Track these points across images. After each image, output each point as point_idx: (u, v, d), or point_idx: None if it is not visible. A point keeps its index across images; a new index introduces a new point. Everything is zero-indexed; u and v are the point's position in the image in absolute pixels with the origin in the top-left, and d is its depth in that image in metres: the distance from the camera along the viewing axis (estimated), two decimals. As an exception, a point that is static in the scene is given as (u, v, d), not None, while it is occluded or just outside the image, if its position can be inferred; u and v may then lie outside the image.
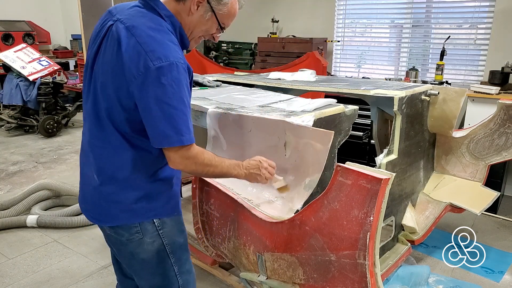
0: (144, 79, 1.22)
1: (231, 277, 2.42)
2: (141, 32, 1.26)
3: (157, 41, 1.25)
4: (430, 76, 4.72)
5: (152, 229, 1.43)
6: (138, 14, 1.32)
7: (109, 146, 1.36)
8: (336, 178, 1.36)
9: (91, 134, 1.39)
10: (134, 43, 1.25)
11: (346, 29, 5.44)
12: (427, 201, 2.71)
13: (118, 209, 1.39)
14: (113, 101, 1.30)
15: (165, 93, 1.23)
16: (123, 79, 1.26)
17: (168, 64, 1.22)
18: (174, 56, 1.25)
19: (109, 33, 1.32)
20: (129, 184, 1.38)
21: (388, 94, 2.29)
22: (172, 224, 1.49)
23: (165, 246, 1.47)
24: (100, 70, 1.33)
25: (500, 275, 2.66)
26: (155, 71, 1.21)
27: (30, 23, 6.66)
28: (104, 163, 1.38)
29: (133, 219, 1.40)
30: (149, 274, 1.49)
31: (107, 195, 1.39)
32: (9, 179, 4.24)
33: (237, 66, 5.91)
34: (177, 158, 1.30)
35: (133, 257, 1.47)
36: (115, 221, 1.41)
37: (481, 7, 4.38)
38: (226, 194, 1.81)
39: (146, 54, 1.22)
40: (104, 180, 1.38)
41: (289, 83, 2.75)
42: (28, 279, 2.61)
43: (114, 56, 1.28)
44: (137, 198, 1.39)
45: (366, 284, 1.38)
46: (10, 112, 5.96)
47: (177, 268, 1.51)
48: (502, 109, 2.58)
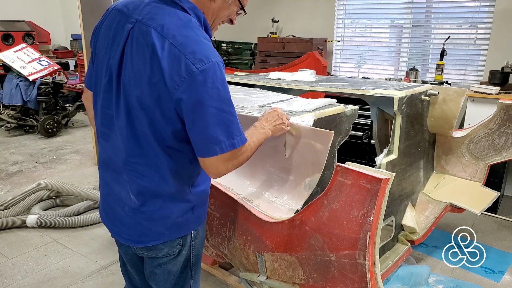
0: (189, 84, 1.12)
1: (231, 277, 2.42)
2: (173, 32, 1.14)
3: (193, 41, 1.14)
4: (430, 76, 4.72)
5: (189, 241, 1.39)
6: (160, 12, 1.19)
7: (151, 162, 1.25)
8: (336, 178, 1.36)
9: (128, 152, 1.25)
10: (169, 46, 1.12)
11: (346, 29, 5.44)
12: (427, 201, 2.71)
13: (163, 226, 1.31)
14: (155, 114, 1.18)
15: (213, 96, 1.13)
16: (164, 88, 1.14)
17: (211, 65, 1.13)
18: (214, 55, 1.15)
19: (132, 38, 1.19)
20: (176, 198, 1.30)
21: (388, 94, 2.29)
22: (202, 233, 1.45)
23: (191, 258, 1.43)
24: (132, 82, 1.19)
25: (500, 275, 2.66)
26: (199, 75, 1.11)
27: (30, 23, 6.66)
28: (147, 182, 1.26)
29: (177, 233, 1.34)
30: (168, 285, 1.43)
31: (150, 213, 1.29)
32: (9, 179, 4.24)
33: (237, 66, 5.91)
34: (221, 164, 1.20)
35: (160, 268, 1.40)
36: (160, 239, 1.32)
37: (481, 7, 4.38)
38: (226, 194, 1.81)
39: (186, 57, 1.11)
40: (146, 199, 1.28)
41: (289, 83, 2.75)
42: (28, 279, 2.61)
43: (148, 64, 1.15)
44: (185, 211, 1.33)
45: (366, 284, 1.38)
46: (10, 112, 5.96)
47: (193, 281, 1.47)
48: (502, 109, 2.58)
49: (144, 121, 1.20)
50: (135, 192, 1.28)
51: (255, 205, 1.73)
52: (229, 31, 6.51)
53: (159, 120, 1.19)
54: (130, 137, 1.23)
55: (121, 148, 1.27)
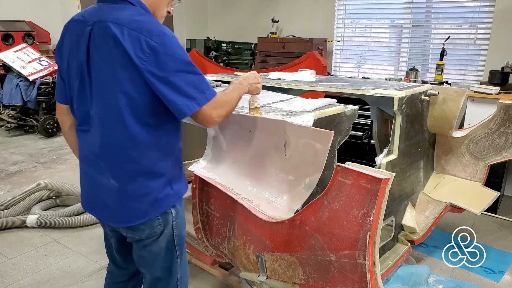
0: (153, 57, 1.27)
1: (231, 277, 2.42)
2: (128, 20, 1.31)
3: (146, 22, 1.32)
4: (430, 76, 4.73)
5: (170, 219, 1.48)
6: (112, 10, 1.35)
7: (126, 143, 1.35)
8: (336, 178, 1.36)
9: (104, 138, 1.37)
10: (128, 31, 1.29)
11: (346, 29, 5.45)
12: (427, 201, 2.71)
13: (146, 203, 1.41)
14: (129, 94, 1.31)
15: (176, 62, 1.30)
16: (133, 68, 1.28)
17: (167, 37, 1.30)
18: (167, 29, 1.33)
19: (93, 36, 1.34)
20: (154, 174, 1.40)
21: (388, 94, 2.29)
22: (182, 213, 1.54)
23: (174, 238, 1.51)
24: (103, 73, 1.33)
25: (500, 275, 2.66)
26: (159, 47, 1.28)
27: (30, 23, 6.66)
28: (123, 163, 1.37)
29: (160, 209, 1.43)
30: (157, 267, 1.52)
31: (132, 193, 1.39)
32: (9, 179, 4.24)
33: (237, 66, 5.91)
34: (209, 114, 1.36)
35: (145, 251, 1.49)
36: (145, 216, 1.42)
37: (481, 7, 4.39)
38: (226, 194, 1.81)
39: (144, 36, 1.28)
40: (126, 180, 1.39)
41: (289, 83, 2.75)
42: (28, 279, 2.61)
43: (114, 51, 1.29)
44: (163, 185, 1.43)
45: (366, 284, 1.38)
46: (10, 112, 5.96)
47: (179, 261, 1.55)
48: (502, 109, 2.58)
49: (120, 104, 1.32)
50: (114, 176, 1.39)
51: (255, 205, 1.73)
52: (229, 31, 6.52)
53: (134, 99, 1.32)
54: (106, 123, 1.36)
55: (97, 136, 1.38)
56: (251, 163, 1.86)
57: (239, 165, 1.90)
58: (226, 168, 1.94)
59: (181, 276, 1.58)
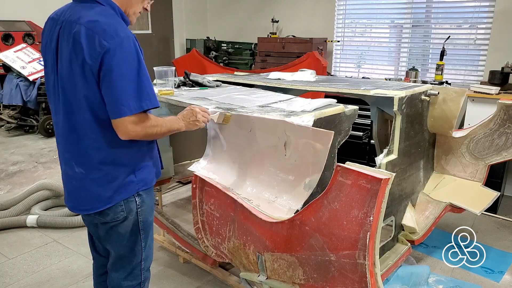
0: (103, 56, 1.35)
1: (231, 277, 2.42)
2: (88, 19, 1.39)
3: (104, 23, 1.38)
4: (430, 76, 4.72)
5: (134, 207, 1.58)
6: (80, 9, 1.44)
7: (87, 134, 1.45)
8: (336, 178, 1.36)
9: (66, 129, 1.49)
10: (85, 30, 1.37)
11: (346, 29, 5.44)
12: (427, 201, 2.71)
13: (111, 190, 1.51)
14: (86, 89, 1.40)
15: (122, 65, 1.36)
16: (87, 65, 1.37)
17: (120, 39, 1.36)
18: (123, 31, 1.38)
19: (61, 35, 1.44)
20: (116, 163, 1.51)
21: (388, 94, 2.29)
22: (148, 201, 1.64)
23: (139, 223, 1.62)
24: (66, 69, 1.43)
25: (500, 275, 2.66)
26: (110, 47, 1.34)
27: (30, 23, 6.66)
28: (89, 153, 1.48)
29: (122, 196, 1.54)
30: (121, 245, 1.64)
31: (97, 180, 1.50)
32: (9, 179, 4.24)
33: (237, 66, 5.91)
34: (129, 126, 1.40)
35: (111, 231, 1.61)
36: (110, 202, 1.52)
37: (481, 7, 4.38)
38: (226, 194, 1.81)
39: (98, 36, 1.35)
40: (90, 168, 1.50)
41: (289, 83, 2.75)
42: (28, 279, 2.61)
43: (73, 49, 1.39)
44: (127, 174, 1.53)
45: (366, 284, 1.38)
46: (10, 112, 5.96)
47: (143, 244, 1.67)
48: (502, 109, 2.58)
49: (78, 99, 1.42)
50: (81, 165, 1.50)
51: (255, 205, 1.73)
52: (229, 31, 6.52)
53: (89, 95, 1.41)
54: (68, 116, 1.46)
55: (63, 129, 1.50)
56: (251, 163, 1.86)
57: (239, 165, 1.90)
58: (226, 168, 1.94)
59: (145, 256, 1.70)
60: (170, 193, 3.80)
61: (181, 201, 3.62)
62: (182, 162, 3.23)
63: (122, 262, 1.68)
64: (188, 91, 2.48)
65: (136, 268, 1.69)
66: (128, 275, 1.69)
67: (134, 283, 1.71)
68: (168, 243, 2.83)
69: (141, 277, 1.72)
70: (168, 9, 6.51)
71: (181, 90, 2.51)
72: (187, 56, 5.59)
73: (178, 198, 3.68)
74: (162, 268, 2.72)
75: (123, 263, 1.68)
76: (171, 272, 2.68)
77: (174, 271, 2.69)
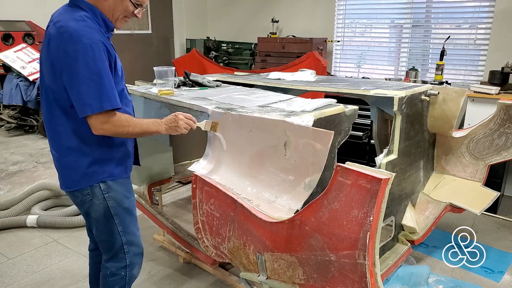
0: (65, 61, 1.50)
1: (231, 277, 2.42)
2: (62, 24, 1.53)
3: (74, 28, 1.50)
4: (430, 76, 4.72)
5: (99, 192, 1.70)
6: (63, 12, 1.60)
7: (58, 124, 1.63)
8: (336, 178, 1.36)
9: (44, 118, 1.68)
10: (56, 34, 1.52)
11: (346, 29, 5.44)
12: (427, 201, 2.71)
13: (78, 175, 1.67)
14: (54, 86, 1.57)
15: (83, 69, 1.49)
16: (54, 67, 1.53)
17: (83, 45, 1.48)
18: (88, 37, 1.50)
19: (45, 35, 1.61)
20: (83, 152, 1.66)
21: (388, 94, 2.29)
22: (118, 189, 1.74)
23: (110, 208, 1.73)
24: (43, 66, 1.63)
25: (500, 275, 2.66)
26: (72, 53, 1.48)
27: (30, 23, 6.66)
28: (58, 140, 1.66)
29: (86, 183, 1.68)
30: (99, 230, 1.79)
31: (67, 164, 1.68)
32: (9, 179, 4.24)
33: (237, 66, 5.91)
34: (97, 123, 1.55)
35: (88, 215, 1.77)
36: (78, 185, 1.69)
37: (481, 7, 4.39)
38: (226, 194, 1.81)
39: (65, 41, 1.49)
40: (62, 153, 1.68)
41: (289, 83, 2.75)
42: (28, 279, 2.61)
43: (47, 50, 1.56)
44: (90, 163, 1.66)
45: (366, 284, 1.38)
46: (10, 112, 5.95)
47: (121, 228, 1.78)
48: (502, 109, 2.58)
49: (50, 94, 1.60)
50: (54, 148, 1.70)
51: (255, 205, 1.73)
52: (229, 31, 6.52)
53: (55, 90, 1.58)
54: (45, 106, 1.66)
55: (44, 115, 1.69)
56: (251, 163, 1.86)
57: (239, 165, 1.90)
58: (226, 168, 1.94)
59: (127, 241, 1.80)
60: (170, 193, 3.81)
61: (181, 201, 3.62)
62: (182, 162, 3.23)
63: (103, 245, 1.83)
64: (188, 91, 2.48)
65: (119, 251, 1.81)
66: (112, 257, 1.82)
67: (119, 265, 1.83)
68: (168, 243, 2.83)
69: (126, 260, 1.83)
70: (168, 9, 6.52)
71: (181, 90, 2.51)
72: (187, 56, 5.59)
73: (178, 198, 3.68)
74: (162, 268, 2.72)
75: (105, 246, 1.82)
76: (171, 272, 2.68)
77: (174, 271, 2.69)
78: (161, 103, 2.30)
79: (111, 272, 1.83)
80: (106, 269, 1.84)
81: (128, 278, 1.86)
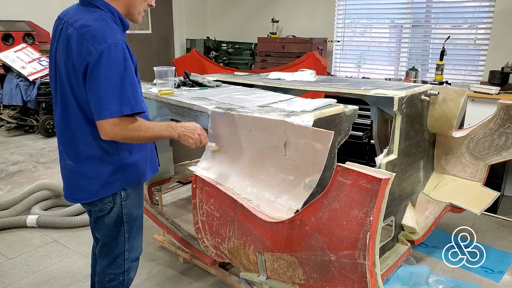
0: (89, 61, 1.43)
1: (231, 277, 2.42)
2: (81, 23, 1.48)
3: (95, 28, 1.46)
4: (430, 76, 4.72)
5: (119, 200, 1.68)
6: (79, 12, 1.54)
7: (78, 131, 1.56)
8: (336, 178, 1.36)
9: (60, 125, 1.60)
10: (77, 34, 1.46)
11: (346, 29, 5.45)
12: (427, 201, 2.71)
13: (98, 184, 1.61)
14: (76, 89, 1.50)
15: (106, 70, 1.43)
16: (75, 68, 1.47)
17: (107, 46, 1.43)
18: (112, 38, 1.45)
19: (60, 35, 1.55)
20: (104, 160, 1.60)
21: (388, 94, 2.29)
22: (134, 196, 1.73)
23: (123, 215, 1.71)
24: (61, 68, 1.54)
25: (500, 275, 2.66)
26: (96, 53, 1.42)
27: (30, 23, 6.66)
28: (77, 148, 1.59)
29: (109, 191, 1.64)
30: (105, 234, 1.75)
31: (85, 173, 1.61)
32: (9, 179, 4.24)
33: (237, 66, 5.91)
34: (108, 127, 1.46)
35: (99, 220, 1.73)
36: (97, 195, 1.63)
37: (481, 7, 4.39)
38: (226, 194, 1.81)
39: (87, 41, 1.44)
40: (80, 162, 1.61)
41: (289, 83, 2.75)
42: (28, 279, 2.61)
43: (65, 51, 1.50)
44: (113, 171, 1.62)
45: (366, 284, 1.38)
46: (10, 112, 5.96)
47: (127, 235, 1.77)
48: (502, 109, 2.58)
49: (70, 97, 1.53)
50: (70, 157, 1.62)
51: (255, 205, 1.73)
52: (229, 31, 6.52)
53: (78, 94, 1.51)
54: (62, 112, 1.57)
55: (58, 122, 1.61)
56: (251, 163, 1.86)
57: (239, 165, 1.90)
58: (226, 168, 1.94)
59: (129, 247, 1.78)
60: (170, 193, 3.81)
61: (181, 201, 3.62)
62: (182, 162, 3.23)
63: (106, 250, 1.78)
64: (188, 91, 2.48)
65: (119, 257, 1.78)
66: (112, 263, 1.79)
67: (118, 271, 1.80)
68: (168, 243, 2.83)
69: (125, 266, 1.81)
70: (168, 9, 6.51)
71: (181, 90, 2.51)
72: (187, 56, 5.60)
73: (178, 198, 3.68)
74: (162, 268, 2.72)
75: (107, 251, 1.78)
76: (171, 272, 2.68)
77: (174, 271, 2.69)
78: (161, 103, 2.30)
79: (109, 278, 1.80)
80: (104, 275, 1.80)
81: (126, 281, 1.84)
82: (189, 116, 2.14)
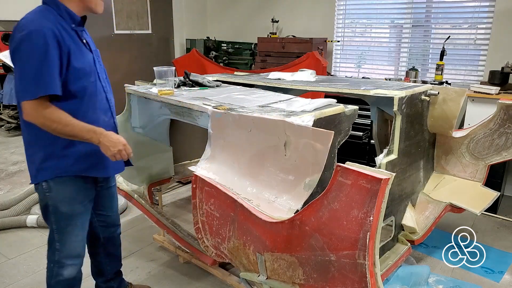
0: (12, 47, 1.56)
1: (231, 277, 2.42)
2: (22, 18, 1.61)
3: (24, 18, 1.60)
4: (430, 76, 4.72)
5: (41, 189, 1.77)
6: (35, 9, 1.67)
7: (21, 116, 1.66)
8: (336, 178, 1.36)
9: None
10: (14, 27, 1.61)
11: (346, 29, 5.44)
12: (427, 201, 2.71)
13: (35, 169, 1.74)
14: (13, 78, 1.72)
15: (20, 57, 1.55)
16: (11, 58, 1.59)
17: (27, 33, 1.53)
18: (36, 25, 1.55)
19: None
20: (39, 145, 1.71)
21: (388, 94, 2.29)
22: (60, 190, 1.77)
23: (49, 206, 1.80)
24: None
25: (500, 275, 2.66)
26: (17, 41, 1.55)
27: (30, 23, 6.68)
28: (23, 133, 1.75)
29: (41, 177, 1.74)
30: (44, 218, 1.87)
31: (28, 157, 1.77)
32: (9, 179, 4.24)
33: (237, 66, 5.90)
34: (27, 109, 1.57)
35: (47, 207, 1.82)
36: (35, 179, 1.76)
37: (481, 7, 4.38)
38: (226, 194, 1.81)
39: (15, 30, 1.58)
40: (26, 147, 1.77)
41: (289, 83, 2.75)
42: (28, 279, 2.61)
43: None
44: (43, 160, 1.71)
45: (366, 284, 1.38)
46: (10, 112, 5.95)
47: (55, 227, 1.83)
48: (502, 109, 2.58)
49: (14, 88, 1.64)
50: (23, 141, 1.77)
51: (255, 205, 1.73)
52: (229, 31, 6.52)
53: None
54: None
55: None
56: (251, 163, 1.86)
57: (239, 165, 1.90)
58: (226, 168, 1.94)
59: (60, 240, 1.84)
60: (170, 193, 3.81)
61: (181, 201, 3.62)
62: (182, 162, 3.23)
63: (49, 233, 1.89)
64: (188, 91, 2.48)
65: (52, 244, 1.86)
66: (49, 247, 1.89)
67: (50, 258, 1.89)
68: (168, 243, 2.83)
69: (55, 256, 1.86)
70: (168, 9, 6.51)
71: (181, 90, 2.51)
72: (187, 56, 5.59)
73: (178, 198, 3.68)
74: (162, 268, 2.72)
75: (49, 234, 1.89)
76: (171, 272, 2.68)
77: (174, 271, 2.69)
78: (161, 103, 2.30)
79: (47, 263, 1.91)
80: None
81: (56, 274, 1.87)
82: (189, 116, 2.14)
